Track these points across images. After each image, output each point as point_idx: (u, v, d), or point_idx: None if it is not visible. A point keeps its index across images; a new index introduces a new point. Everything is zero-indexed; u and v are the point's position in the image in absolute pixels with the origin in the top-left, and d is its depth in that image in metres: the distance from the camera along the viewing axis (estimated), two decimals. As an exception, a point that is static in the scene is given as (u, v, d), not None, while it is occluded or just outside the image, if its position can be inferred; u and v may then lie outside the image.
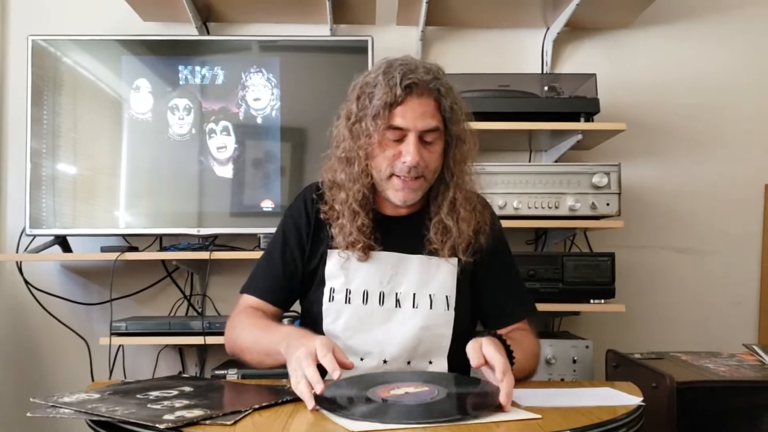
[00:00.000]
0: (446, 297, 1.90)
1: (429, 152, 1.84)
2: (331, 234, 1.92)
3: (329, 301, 1.91)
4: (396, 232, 1.94)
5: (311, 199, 2.00)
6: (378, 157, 1.86)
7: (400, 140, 1.83)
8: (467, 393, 1.49)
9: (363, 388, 1.49)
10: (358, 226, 1.88)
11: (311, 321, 1.96)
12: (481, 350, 1.55)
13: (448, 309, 1.90)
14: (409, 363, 1.87)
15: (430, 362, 1.89)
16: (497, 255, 2.00)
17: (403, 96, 1.81)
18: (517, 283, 2.06)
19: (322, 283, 1.93)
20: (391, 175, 1.85)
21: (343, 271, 1.91)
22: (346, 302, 1.89)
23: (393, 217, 1.97)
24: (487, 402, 1.39)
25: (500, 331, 1.79)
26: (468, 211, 1.91)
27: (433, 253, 1.91)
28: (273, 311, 1.98)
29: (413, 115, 1.81)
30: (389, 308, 1.88)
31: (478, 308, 2.01)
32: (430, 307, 1.88)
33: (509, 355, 1.66)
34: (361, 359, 1.87)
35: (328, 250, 1.93)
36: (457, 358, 1.88)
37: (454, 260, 1.92)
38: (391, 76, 1.82)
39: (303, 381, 1.47)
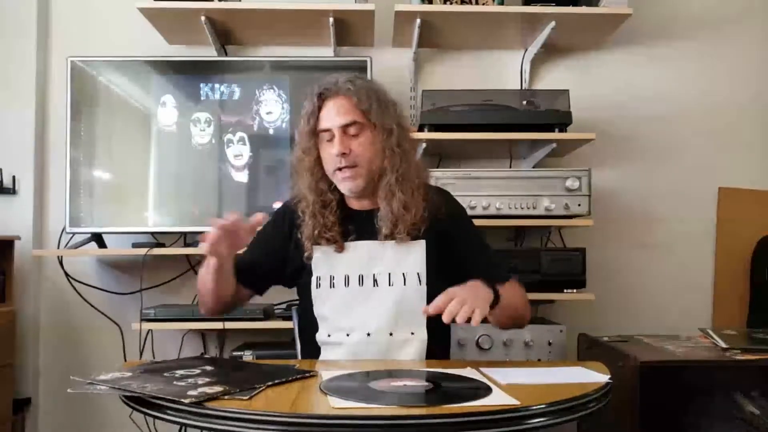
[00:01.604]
0: (417, 274, 1.93)
1: (356, 144, 1.91)
2: (300, 237, 1.97)
3: (317, 288, 1.95)
4: (365, 223, 1.97)
5: (291, 212, 2.04)
6: (324, 159, 1.95)
7: (332, 140, 1.92)
8: (459, 387, 1.46)
9: (371, 379, 1.49)
10: (321, 224, 1.93)
11: (306, 306, 2.01)
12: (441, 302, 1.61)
13: (420, 284, 1.92)
14: (391, 335, 1.89)
15: (412, 333, 1.90)
16: (464, 233, 2.03)
17: (320, 102, 1.94)
18: (486, 254, 2.05)
19: (310, 273, 1.97)
20: (335, 170, 1.92)
21: (326, 263, 1.95)
22: (331, 287, 1.94)
23: (360, 210, 2.01)
24: (473, 395, 1.35)
25: None
26: (407, 194, 1.92)
27: (388, 237, 1.92)
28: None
29: (331, 114, 1.92)
30: (368, 288, 1.92)
31: (458, 281, 1.99)
32: (404, 284, 1.91)
33: (496, 294, 1.72)
34: (347, 335, 1.91)
35: (314, 246, 1.96)
36: (436, 329, 1.92)
37: (422, 242, 1.93)
38: (312, 91, 1.96)
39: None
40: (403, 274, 1.92)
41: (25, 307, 3.24)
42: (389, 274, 1.92)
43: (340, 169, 1.91)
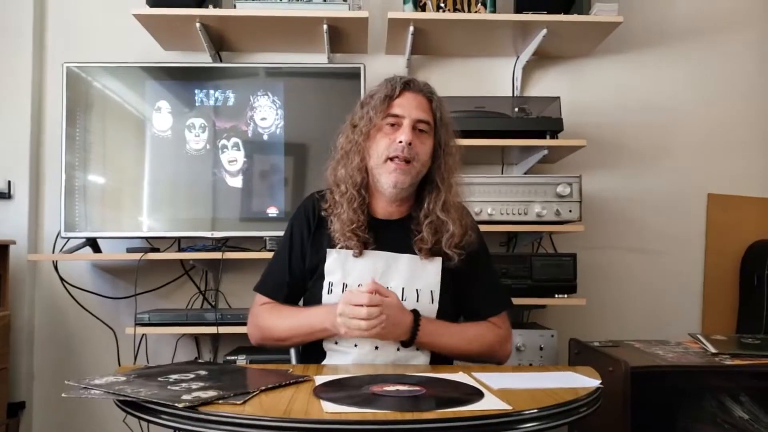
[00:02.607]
0: (431, 292, 1.91)
1: (420, 142, 1.89)
2: (330, 230, 1.93)
3: (328, 293, 1.91)
4: (387, 234, 1.94)
5: (312, 204, 2.03)
6: (377, 143, 1.90)
7: (397, 127, 1.89)
8: (452, 392, 1.46)
9: (364, 383, 1.49)
10: (353, 218, 1.90)
11: None
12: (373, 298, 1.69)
13: (432, 302, 1.90)
14: (398, 350, 1.87)
15: (418, 348, 1.88)
16: (481, 258, 2.01)
17: (401, 90, 1.91)
18: (494, 282, 2.07)
19: (322, 277, 1.93)
20: (387, 159, 1.88)
21: (340, 268, 1.92)
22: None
23: (384, 220, 1.98)
24: (465, 400, 1.35)
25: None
26: (457, 214, 1.93)
27: (421, 252, 1.91)
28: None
29: (410, 105, 1.90)
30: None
31: (460, 302, 2.01)
32: (417, 300, 1.88)
33: (413, 334, 1.81)
34: (355, 345, 1.88)
35: (328, 249, 1.94)
36: None
37: (439, 260, 1.92)
38: (392, 79, 1.94)
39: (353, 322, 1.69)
40: (417, 290, 1.90)
41: (20, 311, 3.23)
42: (402, 289, 1.89)
43: (392, 159, 1.87)
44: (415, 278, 1.91)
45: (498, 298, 2.04)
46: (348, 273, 1.91)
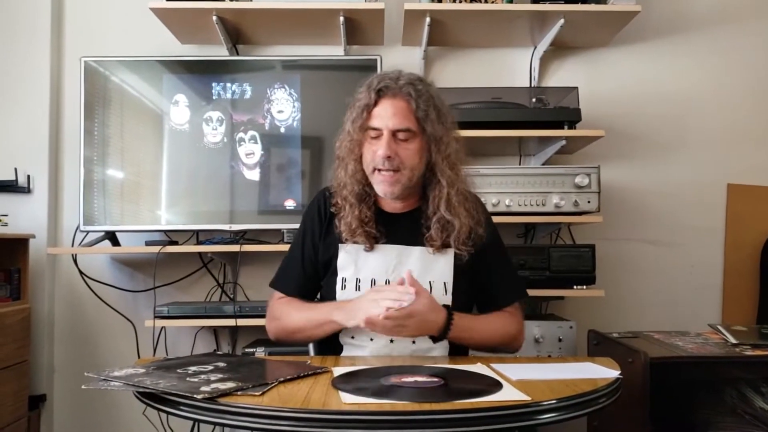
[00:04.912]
0: (444, 283, 1.91)
1: (404, 149, 1.86)
2: (337, 226, 1.94)
3: (342, 289, 1.92)
4: (397, 227, 1.94)
5: (323, 200, 2.03)
6: (365, 155, 1.90)
7: (379, 138, 1.87)
8: (470, 383, 1.46)
9: (382, 375, 1.49)
10: (358, 216, 1.90)
11: None
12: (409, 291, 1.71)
13: (446, 294, 1.90)
14: (414, 342, 1.87)
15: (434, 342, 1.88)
16: (492, 247, 2.00)
17: (376, 99, 1.87)
18: (509, 271, 2.06)
19: (335, 273, 1.94)
20: (374, 169, 1.88)
21: (353, 263, 1.92)
22: (356, 290, 1.91)
23: (393, 213, 1.98)
24: (484, 391, 1.35)
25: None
26: (463, 207, 1.91)
27: (432, 246, 1.91)
28: None
29: (386, 115, 1.86)
30: None
31: (474, 293, 2.01)
32: (430, 292, 1.87)
33: (446, 328, 1.80)
34: (371, 339, 1.88)
35: (340, 245, 1.94)
36: None
37: (451, 251, 1.92)
38: (371, 83, 1.90)
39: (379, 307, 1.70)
40: (430, 282, 1.89)
41: (39, 304, 3.25)
42: None
43: (379, 170, 1.87)
44: (427, 270, 1.91)
45: (514, 287, 2.03)
46: (360, 268, 1.92)
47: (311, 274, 2.02)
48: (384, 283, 1.89)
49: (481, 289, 2.00)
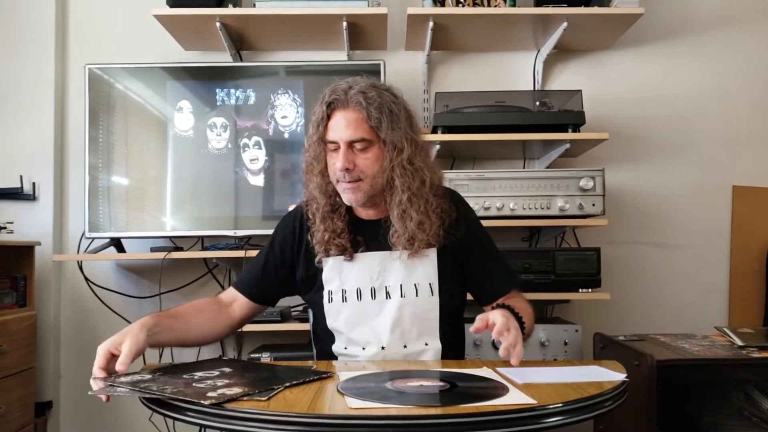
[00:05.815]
0: (429, 284, 1.90)
1: (362, 159, 1.85)
2: (310, 241, 1.94)
3: (329, 302, 1.92)
4: (374, 234, 1.93)
5: (300, 216, 2.02)
6: (329, 167, 1.90)
7: (337, 150, 1.86)
8: (474, 387, 1.45)
9: (388, 379, 1.48)
10: (330, 228, 1.90)
11: (318, 319, 1.98)
12: (486, 318, 1.61)
13: (432, 295, 1.89)
14: (405, 347, 1.87)
15: (426, 344, 1.88)
16: (476, 240, 1.99)
17: (328, 112, 1.86)
18: (498, 260, 2.03)
19: (321, 287, 1.94)
20: (338, 180, 1.88)
21: (337, 275, 1.92)
22: (343, 301, 1.90)
23: (369, 220, 1.97)
24: (490, 394, 1.34)
25: (496, 302, 1.87)
26: (421, 213, 1.86)
27: (407, 250, 1.88)
28: (246, 303, 2.01)
29: (340, 127, 1.84)
30: (381, 300, 1.89)
31: (470, 289, 2.01)
32: (416, 295, 1.88)
33: (519, 321, 1.70)
34: (363, 348, 1.89)
35: (323, 259, 1.93)
36: (450, 337, 1.94)
37: (434, 251, 1.90)
38: (323, 97, 1.88)
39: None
40: (415, 284, 1.89)
41: (45, 311, 3.26)
42: (401, 286, 1.88)
43: (340, 181, 1.87)
44: (411, 273, 1.90)
45: (506, 277, 2.02)
46: (345, 279, 1.91)
47: (269, 281, 2.01)
48: (369, 293, 1.89)
49: (475, 286, 2.00)
